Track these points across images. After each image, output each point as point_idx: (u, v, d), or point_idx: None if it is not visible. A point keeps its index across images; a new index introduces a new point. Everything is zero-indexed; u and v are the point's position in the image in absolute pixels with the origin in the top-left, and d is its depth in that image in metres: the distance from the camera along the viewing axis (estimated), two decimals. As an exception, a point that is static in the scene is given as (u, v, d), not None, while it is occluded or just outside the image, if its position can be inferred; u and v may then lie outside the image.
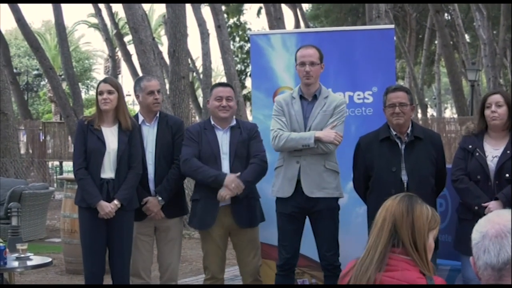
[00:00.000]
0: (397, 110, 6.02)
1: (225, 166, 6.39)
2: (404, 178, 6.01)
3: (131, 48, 24.59)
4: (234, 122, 6.57)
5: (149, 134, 6.69)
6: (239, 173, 6.31)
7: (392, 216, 3.49)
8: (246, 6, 36.21)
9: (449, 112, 66.66)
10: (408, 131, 6.11)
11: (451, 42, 35.14)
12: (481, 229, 2.59)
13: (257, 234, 6.67)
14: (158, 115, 6.74)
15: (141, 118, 6.73)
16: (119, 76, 48.05)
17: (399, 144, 6.09)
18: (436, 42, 38.27)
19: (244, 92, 31.89)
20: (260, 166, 6.41)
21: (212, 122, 6.55)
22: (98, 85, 6.51)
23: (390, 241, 3.45)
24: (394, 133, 6.11)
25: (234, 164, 6.39)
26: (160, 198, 6.58)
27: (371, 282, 3.37)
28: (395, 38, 7.67)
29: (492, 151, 5.97)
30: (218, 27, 22.29)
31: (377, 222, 3.56)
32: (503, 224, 2.54)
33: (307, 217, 6.35)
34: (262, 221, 6.62)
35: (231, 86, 6.81)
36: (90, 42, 79.71)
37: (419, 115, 36.86)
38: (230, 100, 6.50)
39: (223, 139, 6.48)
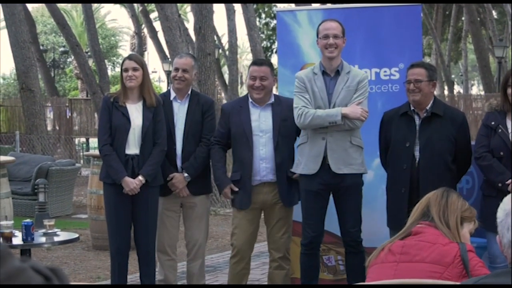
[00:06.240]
0: (412, 87, 6.03)
1: (261, 145, 6.38)
2: (417, 154, 6.02)
3: (157, 25, 24.63)
4: (272, 99, 6.50)
5: (180, 111, 6.68)
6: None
7: (426, 199, 3.74)
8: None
9: (476, 89, 66.19)
10: (428, 107, 6.09)
11: (478, 19, 34.84)
12: (504, 207, 2.58)
13: (291, 212, 6.62)
14: (190, 92, 6.74)
15: (173, 94, 6.72)
16: (145, 53, 48.18)
17: (416, 119, 6.08)
18: (463, 18, 37.93)
19: (270, 69, 31.80)
20: None
21: (250, 100, 6.51)
22: (122, 62, 6.52)
23: (420, 217, 3.67)
24: (412, 108, 6.10)
25: (279, 143, 6.37)
26: (186, 175, 6.58)
27: (398, 243, 3.56)
28: (421, 14, 7.60)
29: (515, 128, 5.94)
30: (244, 3, 22.23)
31: (414, 208, 3.82)
32: None
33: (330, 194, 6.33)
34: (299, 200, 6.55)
35: (268, 63, 6.69)
36: (116, 19, 79.97)
37: (446, 92, 36.67)
38: (264, 80, 6.38)
39: (261, 117, 6.43)
